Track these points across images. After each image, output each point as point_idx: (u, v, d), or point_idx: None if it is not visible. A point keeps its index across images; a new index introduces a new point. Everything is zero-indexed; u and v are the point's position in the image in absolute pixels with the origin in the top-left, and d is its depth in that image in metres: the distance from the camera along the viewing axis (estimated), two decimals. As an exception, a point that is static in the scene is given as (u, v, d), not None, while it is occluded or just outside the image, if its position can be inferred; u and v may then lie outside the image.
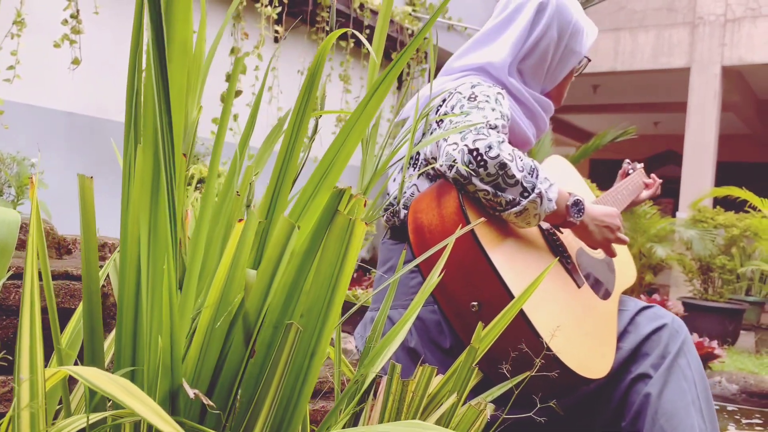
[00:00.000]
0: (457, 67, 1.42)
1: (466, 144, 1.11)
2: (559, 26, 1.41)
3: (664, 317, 1.33)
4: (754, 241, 5.29)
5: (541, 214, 1.17)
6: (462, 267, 1.13)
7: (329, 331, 0.66)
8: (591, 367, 1.16)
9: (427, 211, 1.19)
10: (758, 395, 3.83)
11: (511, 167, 1.11)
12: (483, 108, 1.22)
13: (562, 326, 1.15)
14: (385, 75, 0.58)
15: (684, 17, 7.51)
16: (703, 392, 1.28)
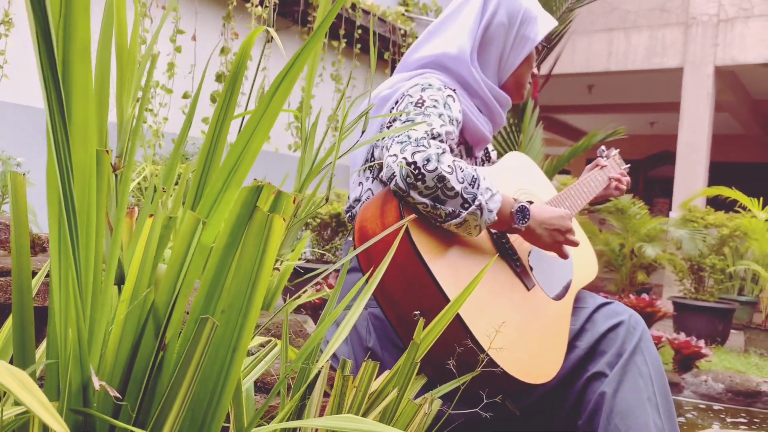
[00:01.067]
0: (413, 61, 1.43)
1: (405, 157, 1.10)
2: (509, 12, 1.42)
3: (622, 314, 1.32)
4: (745, 241, 5.30)
5: (481, 225, 1.16)
6: (404, 276, 1.13)
7: (250, 326, 0.66)
8: (534, 372, 1.16)
9: (371, 219, 1.20)
10: (744, 394, 3.83)
11: (450, 179, 1.11)
12: (429, 114, 1.21)
13: (505, 331, 1.15)
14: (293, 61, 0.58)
15: (677, 17, 7.51)
16: (661, 389, 1.27)
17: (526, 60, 1.47)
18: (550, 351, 1.23)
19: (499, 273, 1.24)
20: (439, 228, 1.18)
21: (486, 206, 1.15)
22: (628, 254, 5.80)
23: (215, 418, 0.67)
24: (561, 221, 1.30)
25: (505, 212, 1.22)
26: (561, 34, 5.27)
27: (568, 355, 1.29)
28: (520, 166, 1.48)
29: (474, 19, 1.41)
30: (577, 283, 1.38)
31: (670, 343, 4.07)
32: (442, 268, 1.13)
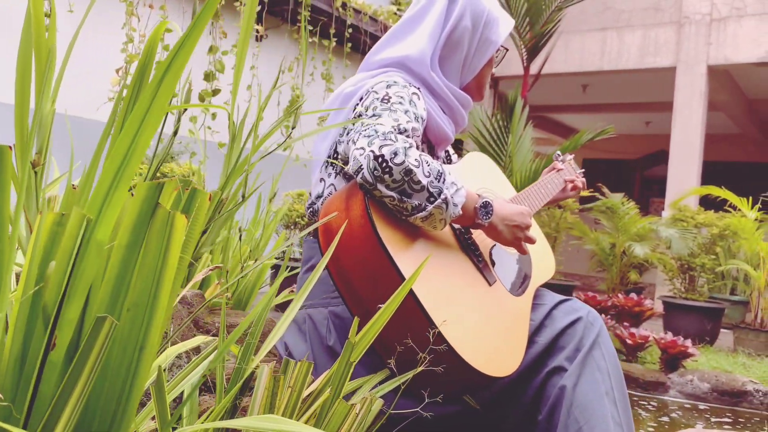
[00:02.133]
0: (375, 62, 1.43)
1: (372, 150, 1.10)
2: (473, 15, 1.42)
3: (580, 310, 1.34)
4: (736, 240, 5.29)
5: (446, 218, 1.18)
6: (369, 270, 1.13)
7: (158, 325, 0.66)
8: (496, 365, 1.17)
9: (338, 212, 1.19)
10: (729, 394, 3.83)
11: (416, 173, 1.11)
12: (395, 110, 1.22)
13: (469, 325, 1.16)
14: (178, 47, 0.58)
15: (670, 17, 7.50)
16: (618, 383, 1.29)
17: (489, 61, 1.49)
18: (512, 345, 1.24)
19: (462, 268, 1.25)
20: (404, 222, 1.19)
21: (451, 200, 1.16)
22: (618, 254, 5.79)
23: (125, 415, 0.67)
24: (521, 218, 1.32)
25: (469, 207, 1.23)
26: (550, 33, 5.27)
27: (528, 350, 1.31)
28: (481, 166, 1.49)
29: (437, 22, 1.41)
30: (536, 280, 1.40)
31: (657, 342, 4.07)
32: (407, 262, 1.14)
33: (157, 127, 0.57)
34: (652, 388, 3.95)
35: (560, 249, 6.17)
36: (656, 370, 4.04)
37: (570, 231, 6.02)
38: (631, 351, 4.22)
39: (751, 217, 5.15)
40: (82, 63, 4.34)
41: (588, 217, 6.43)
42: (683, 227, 5.21)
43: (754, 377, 3.99)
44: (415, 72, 1.39)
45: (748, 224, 5.05)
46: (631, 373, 4.02)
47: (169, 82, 0.59)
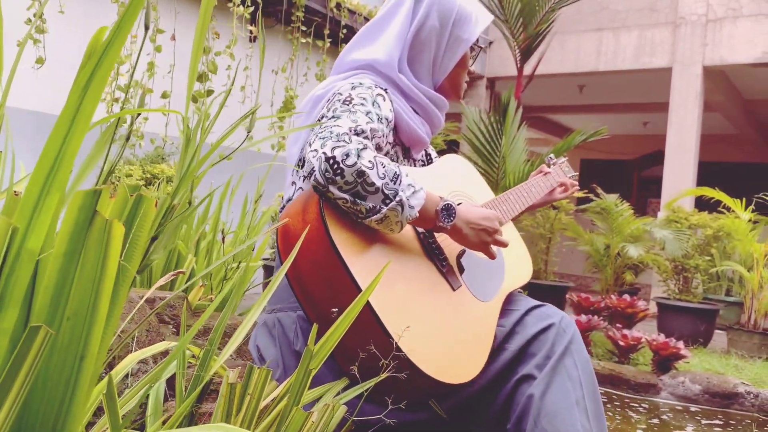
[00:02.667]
0: (347, 63, 1.42)
1: (324, 151, 1.09)
2: (440, 14, 1.40)
3: (552, 317, 1.32)
4: (729, 242, 5.28)
5: (402, 221, 1.15)
6: (323, 274, 1.12)
7: (98, 334, 0.65)
8: (452, 372, 1.15)
9: (294, 216, 1.19)
10: (721, 395, 3.82)
11: (370, 175, 1.09)
12: (355, 111, 1.21)
13: (424, 330, 1.14)
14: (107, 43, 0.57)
15: (666, 17, 7.50)
16: (590, 392, 1.27)
17: (461, 61, 1.46)
18: (471, 351, 1.22)
19: (423, 272, 1.23)
20: (363, 226, 1.17)
21: (407, 202, 1.14)
22: (613, 255, 5.78)
23: (66, 425, 0.66)
24: (488, 222, 1.29)
25: (430, 210, 1.21)
26: (544, 34, 5.26)
27: (498, 357, 1.29)
28: (457, 169, 1.48)
29: (404, 23, 1.40)
30: (508, 285, 1.38)
31: (649, 344, 4.06)
32: (361, 266, 1.12)
33: (85, 131, 0.56)
34: (644, 390, 3.94)
35: (554, 250, 6.16)
36: (648, 371, 4.04)
37: (564, 232, 6.01)
38: (624, 352, 4.21)
39: (744, 219, 5.14)
40: (72, 64, 4.33)
41: (584, 219, 6.42)
42: (677, 228, 5.20)
43: (746, 379, 3.98)
44: (384, 74, 1.38)
45: (742, 225, 5.04)
46: (622, 374, 4.01)
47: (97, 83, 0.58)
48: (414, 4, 1.41)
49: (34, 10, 3.89)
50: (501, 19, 5.32)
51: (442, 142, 7.25)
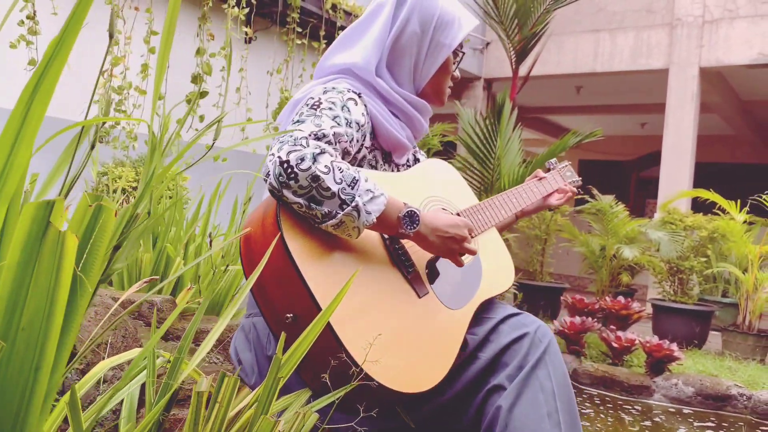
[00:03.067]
0: (326, 68, 1.41)
1: (280, 155, 1.08)
2: (421, 19, 1.38)
3: (528, 326, 1.29)
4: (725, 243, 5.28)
5: (360, 226, 1.14)
6: (279, 279, 1.12)
7: (53, 345, 0.65)
8: (407, 380, 1.13)
9: (254, 223, 1.18)
10: (713, 398, 3.82)
11: (325, 180, 1.08)
12: (320, 116, 1.20)
13: (380, 338, 1.12)
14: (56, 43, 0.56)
15: (663, 18, 7.49)
16: (565, 404, 1.24)
17: (443, 66, 1.44)
18: (432, 360, 1.19)
19: (386, 279, 1.21)
20: (324, 232, 1.16)
21: (363, 208, 1.12)
22: (608, 256, 5.78)
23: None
24: (456, 229, 1.27)
25: (391, 216, 1.19)
26: (539, 35, 5.25)
27: (469, 367, 1.27)
28: (437, 174, 1.46)
29: (383, 28, 1.38)
30: (483, 293, 1.35)
31: (642, 346, 4.06)
32: (316, 272, 1.11)
33: (34, 137, 0.56)
34: (637, 392, 3.94)
35: (550, 251, 6.16)
36: (642, 373, 4.03)
37: (560, 233, 6.01)
38: (617, 354, 4.21)
39: (739, 220, 5.13)
40: (68, 64, 4.33)
41: (581, 220, 6.41)
42: (672, 230, 5.20)
43: (740, 381, 3.98)
44: (361, 78, 1.37)
45: (737, 227, 5.04)
46: (615, 376, 4.01)
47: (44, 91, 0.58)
48: (394, 8, 1.39)
49: (27, 12, 3.89)
50: (496, 21, 5.32)
51: (438, 143, 7.25)
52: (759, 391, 3.78)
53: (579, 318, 4.42)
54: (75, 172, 0.81)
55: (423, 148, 7.25)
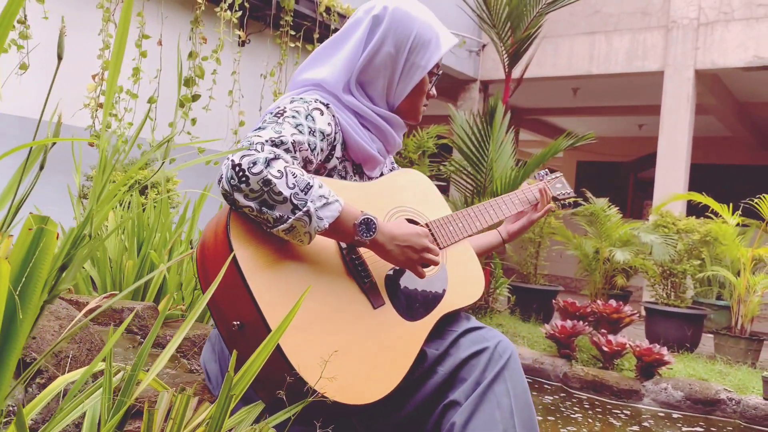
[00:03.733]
0: (299, 82, 1.42)
1: (233, 159, 1.09)
2: (396, 41, 1.37)
3: (488, 341, 1.28)
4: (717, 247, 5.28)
5: (311, 232, 1.13)
6: (226, 287, 1.12)
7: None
8: (352, 392, 1.12)
9: (209, 230, 1.19)
10: (702, 402, 3.82)
11: (277, 184, 1.08)
12: (282, 123, 1.20)
13: (327, 350, 1.12)
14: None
15: (658, 21, 7.49)
16: (525, 422, 1.22)
17: (418, 86, 1.43)
18: (382, 372, 1.18)
19: (340, 289, 1.21)
20: (279, 242, 1.16)
21: (315, 213, 1.12)
22: (602, 259, 5.78)
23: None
24: (416, 239, 1.26)
25: (346, 223, 1.18)
26: (531, 39, 5.25)
27: (427, 381, 1.26)
28: (408, 185, 1.46)
29: (357, 47, 1.38)
30: (447, 305, 1.34)
31: (632, 350, 4.06)
32: (263, 281, 1.11)
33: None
34: (626, 396, 3.94)
35: (544, 254, 6.17)
36: (631, 377, 4.04)
37: (553, 236, 6.01)
38: (608, 358, 4.21)
39: (731, 224, 5.13)
40: (60, 68, 4.34)
41: (577, 223, 6.41)
42: (664, 233, 5.20)
43: (730, 385, 3.98)
44: (331, 93, 1.37)
45: (729, 230, 5.04)
46: (605, 380, 4.01)
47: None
48: (370, 27, 1.39)
49: (18, 16, 3.89)
50: (489, 25, 5.33)
51: (433, 146, 7.25)
52: (748, 396, 3.78)
53: (570, 322, 4.42)
54: (24, 192, 0.81)
55: (417, 151, 7.25)
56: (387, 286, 1.29)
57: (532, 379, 4.36)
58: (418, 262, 1.28)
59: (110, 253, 2.46)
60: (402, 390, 1.25)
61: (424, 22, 1.41)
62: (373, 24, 1.39)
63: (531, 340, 4.81)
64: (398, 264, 1.28)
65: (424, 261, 1.29)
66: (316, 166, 1.32)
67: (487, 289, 5.24)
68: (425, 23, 1.41)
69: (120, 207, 2.84)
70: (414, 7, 1.42)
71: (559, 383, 4.26)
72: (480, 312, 5.14)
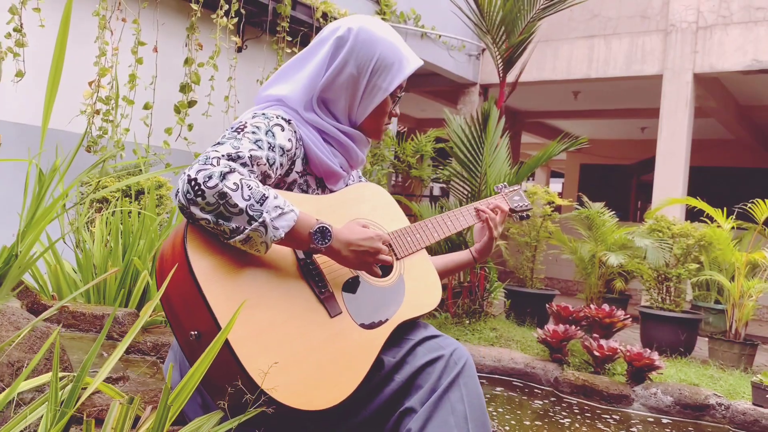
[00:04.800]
0: (263, 97, 1.45)
1: (189, 174, 1.13)
2: (358, 63, 1.41)
3: (444, 349, 1.31)
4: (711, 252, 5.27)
5: (267, 242, 1.17)
6: (183, 296, 1.16)
7: None
8: (306, 398, 1.15)
9: (168, 240, 1.23)
10: (692, 407, 3.82)
11: (233, 196, 1.12)
12: (240, 138, 1.24)
13: (281, 357, 1.15)
14: None
15: (657, 24, 7.49)
16: (479, 427, 1.25)
17: (380, 107, 1.47)
18: (336, 379, 1.21)
19: (296, 298, 1.24)
20: (236, 253, 1.20)
21: (271, 224, 1.16)
22: (597, 263, 5.79)
23: None
24: (369, 242, 1.31)
25: (302, 232, 1.22)
26: (526, 44, 5.27)
27: (384, 388, 1.29)
28: (366, 198, 1.49)
29: (320, 67, 1.42)
30: (404, 313, 1.37)
31: (623, 354, 4.07)
32: (219, 291, 1.15)
33: None
34: (616, 401, 3.95)
35: (541, 258, 6.17)
36: (622, 382, 4.04)
37: (549, 240, 6.02)
38: (599, 363, 4.22)
39: (726, 228, 5.13)
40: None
41: (572, 227, 6.42)
42: (659, 237, 5.20)
43: (720, 390, 3.98)
44: (293, 109, 1.41)
45: (723, 235, 5.04)
46: (595, 385, 4.02)
47: None
48: (333, 49, 1.42)
49: (14, 25, 3.95)
50: (483, 30, 5.35)
51: (431, 150, 7.28)
52: (737, 401, 3.78)
53: (562, 326, 4.44)
54: None
55: (415, 155, 7.27)
56: (344, 295, 1.33)
57: (523, 383, 4.38)
58: (373, 264, 1.34)
59: (95, 259, 2.50)
60: (359, 397, 1.28)
61: (388, 46, 1.44)
62: (337, 45, 1.42)
63: (524, 344, 4.83)
64: (354, 267, 1.33)
65: (379, 262, 1.34)
66: (276, 180, 1.36)
67: (482, 293, 5.25)
68: (389, 46, 1.44)
69: (108, 213, 2.88)
70: (379, 30, 1.45)
71: (550, 387, 4.28)
72: (474, 316, 5.16)
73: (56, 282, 2.35)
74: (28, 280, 2.31)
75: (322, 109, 1.44)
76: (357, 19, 1.46)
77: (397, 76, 1.45)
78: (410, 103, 10.82)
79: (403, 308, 1.38)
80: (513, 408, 3.88)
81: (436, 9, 7.70)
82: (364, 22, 1.44)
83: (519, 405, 3.97)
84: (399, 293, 1.40)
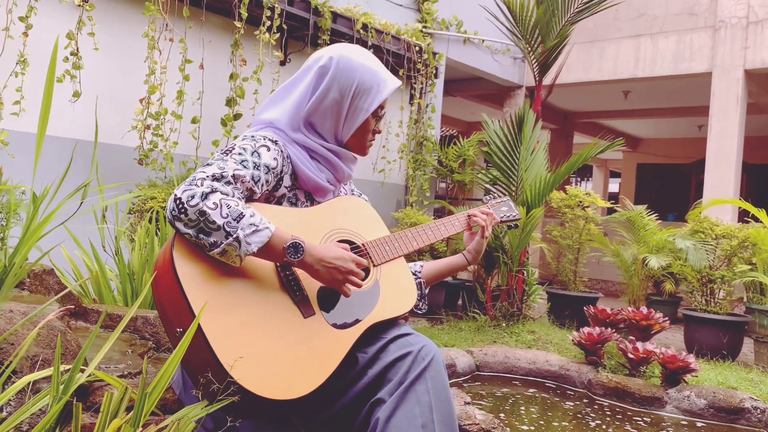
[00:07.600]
0: (257, 121, 1.62)
1: (176, 193, 1.31)
2: (340, 88, 1.56)
3: (413, 345, 1.44)
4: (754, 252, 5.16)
5: (241, 255, 1.33)
6: (171, 299, 1.33)
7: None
8: (277, 388, 1.30)
9: (161, 251, 1.40)
10: (726, 410, 3.78)
11: (211, 214, 1.29)
12: (227, 160, 1.40)
13: (255, 351, 1.30)
14: None
15: (705, 21, 7.35)
16: (443, 417, 1.38)
17: (363, 126, 1.62)
18: (307, 371, 1.35)
19: (273, 301, 1.39)
20: (215, 260, 1.36)
21: (244, 239, 1.32)
22: (639, 265, 5.74)
23: None
24: (340, 262, 1.44)
25: (276, 246, 1.37)
26: (561, 47, 5.30)
27: (358, 382, 1.44)
28: (348, 209, 1.63)
29: (304, 93, 1.58)
30: (376, 315, 1.51)
31: (657, 357, 4.06)
32: (200, 292, 1.31)
33: None
34: (648, 403, 3.95)
35: (584, 260, 6.16)
36: (655, 385, 4.03)
37: (590, 243, 6.00)
38: (635, 365, 4.22)
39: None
40: (110, 94, 4.72)
41: (613, 229, 6.37)
42: (701, 239, 5.14)
43: (759, 394, 3.92)
44: (283, 131, 1.57)
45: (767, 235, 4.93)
46: (628, 387, 4.03)
47: None
48: (317, 77, 1.58)
49: (71, 49, 4.28)
50: (517, 36, 5.40)
51: (473, 154, 7.33)
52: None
53: (597, 329, 4.45)
54: None
55: (458, 160, 7.34)
56: (319, 299, 1.48)
57: (557, 385, 4.42)
58: (342, 282, 1.46)
59: (134, 266, 2.73)
60: (335, 390, 1.44)
61: (367, 71, 1.60)
62: (320, 73, 1.59)
63: (561, 347, 4.85)
64: (324, 283, 1.46)
65: (348, 282, 1.46)
66: (266, 195, 1.52)
67: (520, 296, 5.30)
68: (367, 71, 1.60)
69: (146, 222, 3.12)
70: (358, 57, 1.61)
71: (584, 389, 4.30)
72: (512, 319, 5.22)
73: (97, 287, 2.59)
74: (73, 284, 2.55)
75: (309, 130, 1.60)
76: (338, 48, 1.61)
77: (377, 98, 1.60)
78: (459, 107, 10.88)
79: (377, 310, 1.51)
80: (545, 409, 3.93)
81: (479, 14, 7.76)
82: (343, 50, 1.60)
83: (551, 406, 4.01)
84: (374, 296, 1.54)
